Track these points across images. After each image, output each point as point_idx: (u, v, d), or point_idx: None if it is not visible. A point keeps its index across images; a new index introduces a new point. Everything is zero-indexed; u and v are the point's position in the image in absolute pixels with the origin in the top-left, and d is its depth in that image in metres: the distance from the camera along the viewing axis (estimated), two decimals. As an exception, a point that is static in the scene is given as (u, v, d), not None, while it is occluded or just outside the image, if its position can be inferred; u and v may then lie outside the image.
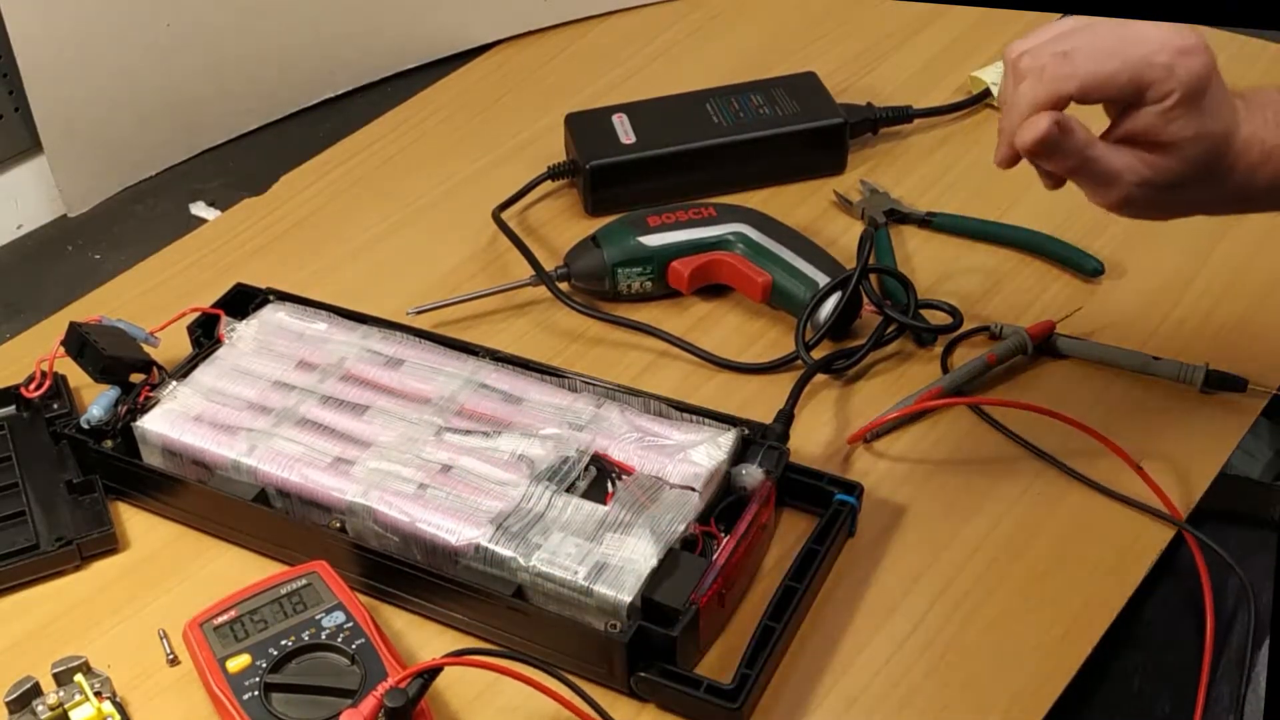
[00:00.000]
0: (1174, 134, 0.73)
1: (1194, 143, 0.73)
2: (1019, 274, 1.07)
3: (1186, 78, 0.72)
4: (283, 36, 1.28)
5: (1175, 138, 0.73)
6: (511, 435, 0.89)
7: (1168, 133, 0.73)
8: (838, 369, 0.99)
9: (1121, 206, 0.77)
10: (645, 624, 0.78)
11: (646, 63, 1.33)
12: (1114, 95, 0.73)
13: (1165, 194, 0.76)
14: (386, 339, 0.97)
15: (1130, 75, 0.72)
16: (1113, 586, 0.85)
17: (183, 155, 1.27)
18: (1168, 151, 0.74)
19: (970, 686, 0.80)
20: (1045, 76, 0.72)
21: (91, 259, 1.17)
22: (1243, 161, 0.75)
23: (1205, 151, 0.74)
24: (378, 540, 0.86)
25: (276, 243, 1.16)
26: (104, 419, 0.92)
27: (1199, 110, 0.73)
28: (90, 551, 0.89)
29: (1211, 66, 0.72)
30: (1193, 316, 1.02)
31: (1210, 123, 0.73)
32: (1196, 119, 0.73)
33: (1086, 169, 0.75)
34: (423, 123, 1.28)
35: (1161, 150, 0.74)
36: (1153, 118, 0.73)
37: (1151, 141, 0.74)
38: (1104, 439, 0.90)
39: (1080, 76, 0.72)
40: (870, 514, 0.89)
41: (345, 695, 0.76)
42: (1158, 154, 0.74)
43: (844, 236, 1.11)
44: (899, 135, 1.21)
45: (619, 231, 1.06)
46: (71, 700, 0.78)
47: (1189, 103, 0.72)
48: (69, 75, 1.17)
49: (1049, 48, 0.73)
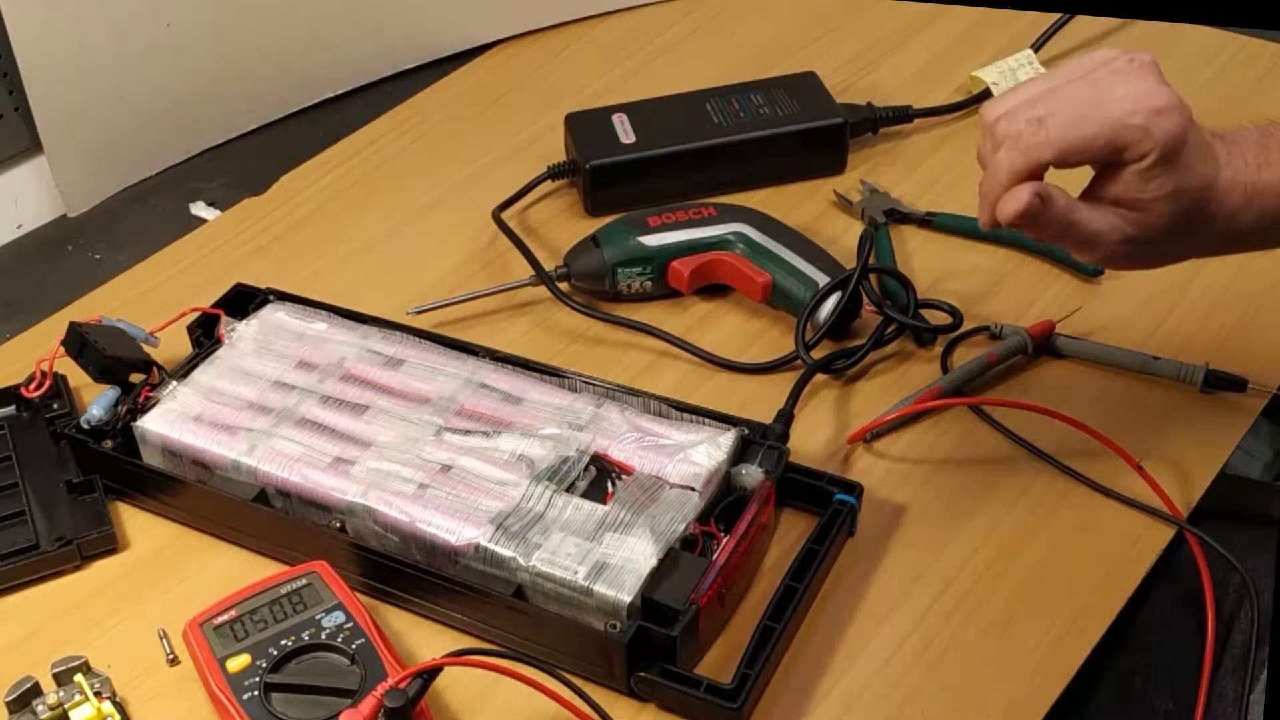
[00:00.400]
0: (1153, 192, 0.73)
1: (1174, 199, 0.74)
2: (1019, 274, 1.07)
3: (1163, 137, 0.72)
4: (283, 36, 1.28)
5: (1155, 196, 0.73)
6: (511, 435, 0.89)
7: (1148, 191, 0.73)
8: (838, 369, 0.99)
9: (1107, 263, 0.77)
10: (645, 624, 0.78)
11: (646, 63, 1.33)
12: (1092, 159, 0.74)
13: (1149, 248, 0.76)
14: (386, 339, 0.97)
15: (1107, 139, 0.72)
16: (1113, 586, 0.85)
17: (183, 155, 1.27)
18: (1148, 209, 0.74)
19: (970, 686, 0.80)
20: (1022, 144, 0.73)
21: (91, 259, 1.17)
22: (1225, 207, 0.75)
23: (1186, 206, 0.74)
24: (378, 540, 0.86)
25: (276, 243, 1.16)
26: (104, 419, 0.92)
27: (1177, 168, 0.73)
28: (90, 551, 0.89)
29: (1187, 123, 0.72)
30: (1193, 316, 1.02)
31: (1189, 178, 0.73)
32: (1175, 176, 0.73)
33: (1070, 234, 0.75)
34: (423, 123, 1.28)
35: (1143, 208, 0.74)
36: (1131, 178, 0.73)
37: (1132, 200, 0.74)
38: (1104, 439, 0.90)
39: (1056, 144, 0.72)
40: (870, 514, 0.89)
41: (345, 695, 0.76)
42: (1139, 212, 0.74)
43: (844, 236, 1.11)
44: (899, 135, 1.21)
45: (619, 231, 1.06)
46: (71, 700, 0.78)
47: (1167, 161, 0.72)
48: (69, 75, 1.17)
49: (1023, 113, 0.73)
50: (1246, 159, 0.76)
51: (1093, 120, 0.72)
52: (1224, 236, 0.77)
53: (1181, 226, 0.75)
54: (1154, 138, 0.72)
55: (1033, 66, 1.24)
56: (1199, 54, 1.26)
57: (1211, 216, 0.75)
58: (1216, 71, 1.25)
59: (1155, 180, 0.73)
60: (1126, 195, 0.74)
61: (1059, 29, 1.27)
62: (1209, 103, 1.19)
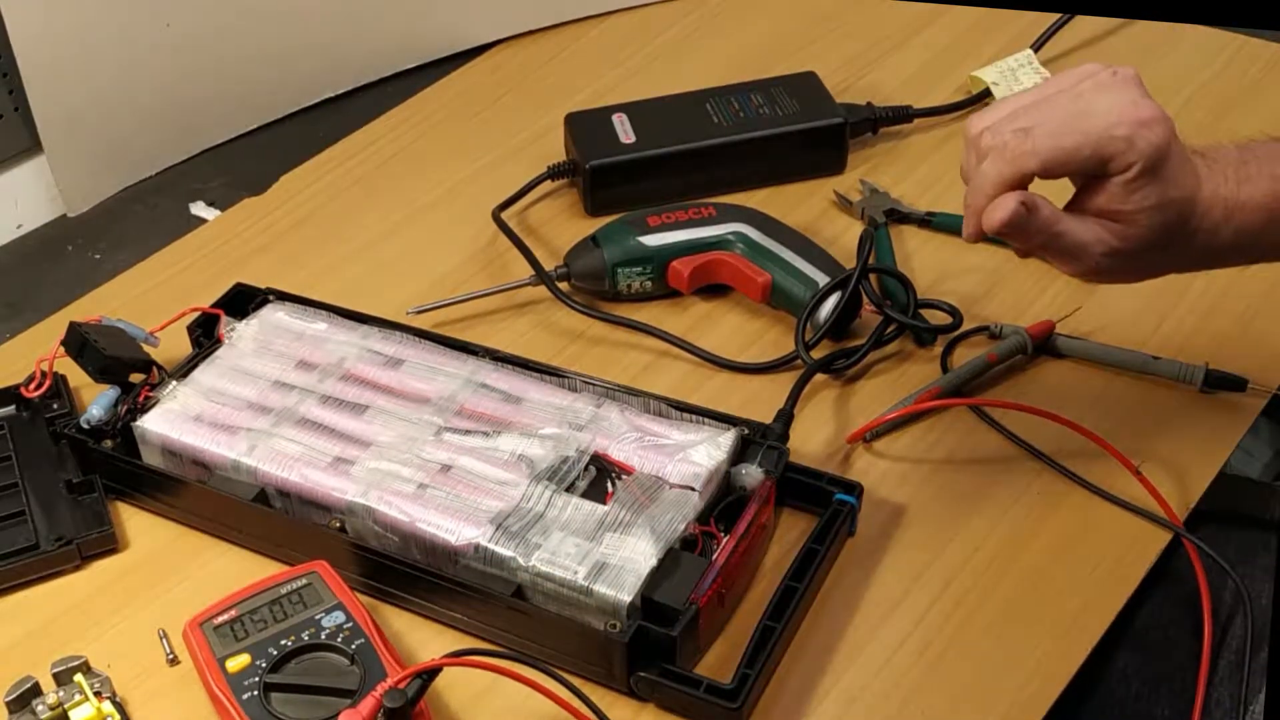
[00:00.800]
0: (1137, 204, 0.74)
1: (1157, 211, 0.74)
2: (1019, 274, 1.07)
3: (1147, 149, 0.72)
4: (283, 36, 1.28)
5: (1139, 207, 0.74)
6: (511, 435, 0.89)
7: (1131, 202, 0.74)
8: (837, 369, 0.99)
9: (1090, 275, 0.78)
10: (645, 624, 0.78)
11: (646, 63, 1.33)
12: (1076, 169, 0.74)
13: (1132, 261, 0.77)
14: (386, 339, 0.97)
15: (1092, 149, 0.73)
16: (1111, 588, 0.85)
17: (183, 155, 1.27)
18: (1132, 221, 0.75)
19: (969, 687, 0.81)
20: (1007, 154, 0.73)
21: (91, 259, 1.17)
22: (1207, 221, 0.76)
23: (1169, 218, 0.75)
24: (377, 540, 0.86)
25: (276, 243, 1.16)
26: (104, 419, 0.92)
27: (1161, 179, 0.74)
28: (90, 551, 0.89)
29: (1170, 135, 0.73)
30: (1192, 316, 1.02)
31: (1172, 190, 0.74)
32: (1159, 188, 0.74)
33: (1054, 244, 0.76)
34: (423, 123, 1.28)
35: (1126, 220, 0.75)
36: (1116, 189, 0.74)
37: (1116, 212, 0.75)
38: (1103, 442, 0.90)
39: (1041, 154, 0.73)
40: (870, 514, 0.90)
41: (345, 695, 0.76)
42: (1123, 223, 0.75)
43: (844, 236, 1.11)
44: (899, 135, 1.21)
45: (619, 231, 1.06)
46: (71, 700, 0.78)
47: (1151, 173, 0.73)
48: (69, 75, 1.17)
49: (1008, 125, 0.74)
50: (1226, 175, 0.77)
51: (1078, 130, 0.73)
52: (1205, 251, 0.78)
53: (1164, 239, 0.76)
54: (1138, 149, 0.72)
55: (1033, 66, 1.24)
56: (1199, 54, 1.26)
57: (1193, 231, 0.76)
58: (1216, 71, 1.25)
59: (1139, 192, 0.73)
60: (1110, 207, 0.75)
61: (1059, 29, 1.27)
62: (1209, 103, 1.20)
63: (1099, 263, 0.76)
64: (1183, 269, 0.83)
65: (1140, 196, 0.74)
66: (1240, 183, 0.76)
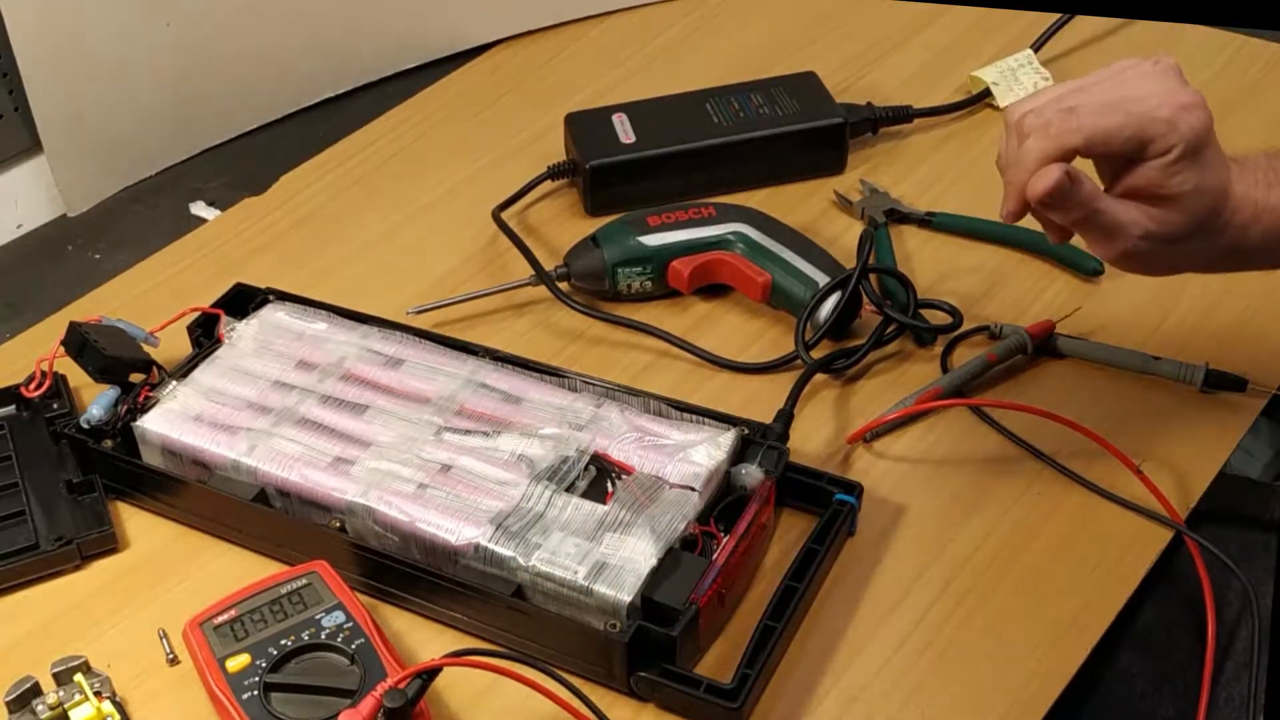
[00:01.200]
0: (1176, 187, 0.75)
1: (1195, 196, 0.75)
2: (1019, 274, 1.07)
3: (1188, 132, 0.73)
4: (283, 36, 1.28)
5: (1177, 191, 0.75)
6: (511, 435, 0.89)
7: (1169, 186, 0.75)
8: (837, 369, 0.99)
9: (1124, 259, 0.78)
10: (645, 624, 0.78)
11: (646, 63, 1.33)
12: (1118, 149, 0.75)
13: (1165, 248, 0.77)
14: (386, 339, 0.97)
15: (1134, 130, 0.73)
16: (1111, 588, 0.85)
17: (183, 155, 1.27)
18: (1170, 205, 0.75)
19: (970, 686, 0.80)
20: (1051, 131, 0.74)
21: (91, 259, 1.17)
22: (1237, 218, 0.77)
23: (1205, 205, 0.76)
24: (377, 540, 0.86)
25: (276, 243, 1.16)
26: (104, 419, 0.92)
27: (1199, 164, 0.74)
28: (90, 551, 0.89)
29: (1210, 122, 0.74)
30: (1192, 316, 1.02)
31: (1210, 177, 0.75)
32: (1197, 173, 0.74)
33: (1094, 220, 0.76)
34: (423, 123, 1.28)
35: (1164, 204, 0.75)
36: (1155, 172, 0.74)
37: (1154, 195, 0.75)
38: (1103, 441, 0.90)
39: (1086, 130, 0.73)
40: (870, 514, 0.89)
41: (344, 695, 0.76)
42: (1160, 207, 0.76)
43: (844, 236, 1.11)
44: (899, 135, 1.21)
45: (619, 231, 1.06)
46: (71, 700, 0.78)
47: (1190, 157, 0.74)
48: (69, 75, 1.17)
49: (1053, 106, 0.75)
50: (1256, 177, 0.78)
51: (1120, 110, 0.74)
52: (1231, 250, 0.79)
53: (1198, 227, 0.76)
54: (1179, 132, 0.73)
55: (1033, 66, 1.24)
56: (1199, 54, 1.26)
57: (1224, 226, 0.77)
58: (1216, 71, 1.25)
59: (1179, 175, 0.74)
60: (1150, 189, 0.75)
61: (1059, 29, 1.27)
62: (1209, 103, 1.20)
63: (1136, 245, 0.76)
64: (1208, 268, 0.83)
65: (1180, 180, 0.74)
66: (1269, 187, 0.78)
